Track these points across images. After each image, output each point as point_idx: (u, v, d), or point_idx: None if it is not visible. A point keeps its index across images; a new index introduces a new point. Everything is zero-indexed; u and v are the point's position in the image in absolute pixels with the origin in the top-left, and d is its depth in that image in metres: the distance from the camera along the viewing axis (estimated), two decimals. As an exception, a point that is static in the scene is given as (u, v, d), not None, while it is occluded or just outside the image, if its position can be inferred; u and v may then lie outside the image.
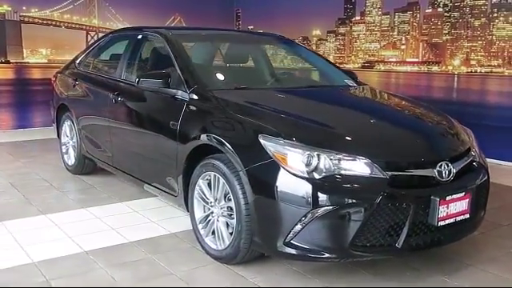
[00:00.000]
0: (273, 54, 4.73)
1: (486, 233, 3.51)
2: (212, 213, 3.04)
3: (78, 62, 5.09)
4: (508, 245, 3.38)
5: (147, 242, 3.27)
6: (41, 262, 2.93)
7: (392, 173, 2.58)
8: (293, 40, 5.02)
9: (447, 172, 2.72)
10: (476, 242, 3.34)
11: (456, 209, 2.71)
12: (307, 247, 2.56)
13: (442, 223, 2.65)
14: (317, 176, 2.53)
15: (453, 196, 2.68)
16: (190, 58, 3.65)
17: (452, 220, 2.70)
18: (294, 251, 2.59)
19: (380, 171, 2.56)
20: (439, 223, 2.64)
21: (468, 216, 2.80)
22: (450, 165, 2.74)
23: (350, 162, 2.57)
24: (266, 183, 2.61)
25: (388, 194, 2.52)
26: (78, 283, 2.71)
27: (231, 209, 2.86)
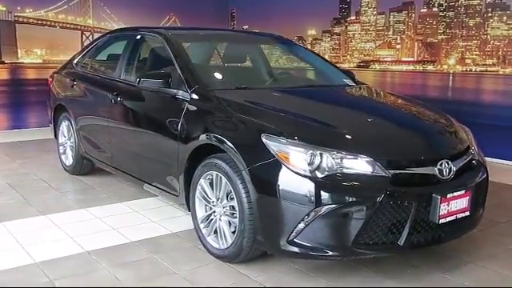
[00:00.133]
0: (272, 54, 4.75)
1: (484, 230, 3.54)
2: (214, 212, 3.05)
3: (75, 62, 5.07)
4: (507, 242, 3.42)
5: (149, 242, 3.28)
6: (43, 263, 2.93)
7: (394, 171, 2.61)
8: (291, 40, 5.04)
9: (448, 170, 2.75)
10: (475, 240, 3.37)
11: (456, 206, 2.74)
12: (310, 245, 2.58)
13: (442, 221, 2.68)
14: (319, 175, 2.55)
15: (453, 194, 2.71)
16: (190, 58, 3.65)
17: (453, 217, 2.73)
18: (297, 249, 2.60)
19: (382, 169, 2.58)
20: (440, 221, 2.66)
21: (468, 213, 2.83)
22: (450, 163, 2.77)
23: (352, 161, 2.59)
24: (269, 182, 2.63)
25: (390, 192, 2.55)
26: (82, 283, 2.72)
27: (233, 208, 2.88)
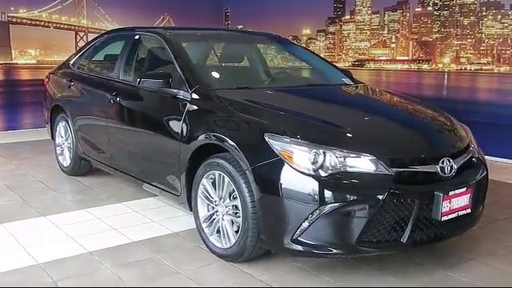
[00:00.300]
0: (270, 53, 4.75)
1: (483, 227, 3.57)
2: (216, 212, 3.05)
3: (72, 62, 5.04)
4: (506, 239, 3.45)
5: (150, 242, 3.27)
6: (46, 264, 2.92)
7: (397, 169, 2.62)
8: (290, 40, 5.05)
9: (449, 168, 2.77)
10: (475, 237, 3.40)
11: (458, 204, 2.76)
12: (314, 244, 2.59)
13: (445, 218, 2.70)
14: (323, 173, 2.56)
15: (455, 191, 2.73)
16: (189, 57, 3.65)
17: (454, 215, 2.76)
18: (301, 248, 2.61)
19: (385, 168, 2.60)
20: (442, 218, 2.69)
21: (469, 211, 2.85)
22: (451, 161, 2.80)
23: (355, 159, 2.60)
24: (273, 181, 2.63)
25: (394, 191, 2.56)
26: (86, 284, 2.71)
27: (236, 207, 2.88)
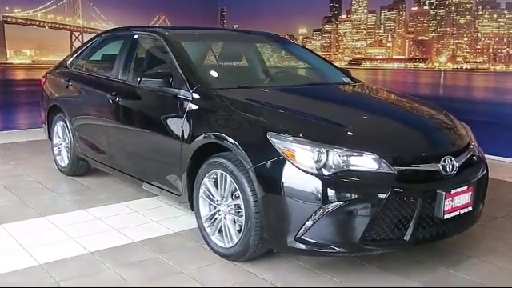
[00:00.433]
0: (269, 53, 4.76)
1: (483, 225, 3.59)
2: (218, 211, 3.05)
3: (69, 62, 5.02)
4: (505, 236, 3.47)
5: (152, 242, 3.26)
6: (47, 264, 2.90)
7: (399, 168, 2.64)
8: (289, 39, 5.06)
9: (451, 166, 2.78)
10: (474, 235, 3.41)
11: (460, 202, 2.78)
12: (318, 242, 2.59)
13: (447, 216, 2.71)
14: (326, 172, 2.57)
15: (457, 189, 2.75)
16: (190, 57, 3.64)
17: (456, 213, 2.77)
18: (305, 246, 2.62)
19: (388, 166, 2.61)
20: (445, 216, 2.70)
21: (471, 209, 2.87)
22: (453, 159, 2.81)
23: (358, 158, 2.61)
24: (276, 180, 2.63)
25: (396, 189, 2.57)
26: (89, 284, 2.70)
27: (239, 206, 2.88)
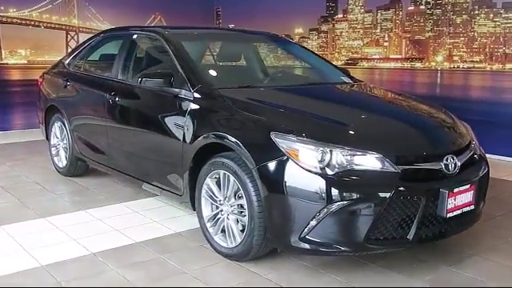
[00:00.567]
0: (269, 52, 4.76)
1: (482, 223, 3.57)
2: (221, 211, 3.05)
3: (67, 62, 4.99)
4: (505, 234, 3.50)
5: (154, 242, 3.26)
6: (49, 266, 2.89)
7: (403, 167, 2.65)
8: (289, 39, 5.06)
9: (453, 165, 2.80)
10: (475, 233, 3.42)
11: (462, 200, 2.80)
12: (322, 241, 2.60)
13: (450, 215, 2.73)
14: (330, 172, 2.57)
15: (459, 188, 2.77)
16: (190, 56, 3.63)
17: (459, 211, 2.79)
18: (309, 246, 2.62)
19: (391, 165, 2.62)
20: (448, 215, 2.72)
21: (473, 207, 2.89)
22: (455, 158, 2.83)
23: (362, 157, 2.61)
24: (280, 180, 2.63)
25: (400, 188, 2.58)
26: (93, 285, 2.69)
27: (242, 206, 2.88)
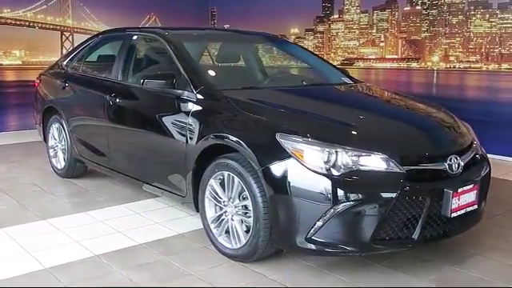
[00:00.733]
0: (269, 53, 4.76)
1: (482, 223, 3.58)
2: (225, 212, 3.05)
3: (65, 63, 4.97)
4: (505, 233, 3.53)
5: (157, 244, 3.25)
6: (53, 268, 2.87)
7: (408, 167, 2.66)
8: (290, 40, 5.07)
9: (457, 165, 2.82)
10: (476, 232, 3.44)
11: (466, 200, 2.82)
12: (328, 242, 2.61)
13: (454, 215, 2.75)
14: (336, 172, 2.58)
15: (463, 188, 2.79)
16: (192, 58, 3.63)
17: (463, 211, 2.81)
18: (315, 247, 2.63)
19: (397, 166, 2.63)
20: (452, 215, 2.74)
21: (476, 207, 2.92)
22: (458, 158, 2.85)
23: (367, 158, 2.62)
24: (285, 181, 2.64)
25: (406, 188, 2.60)
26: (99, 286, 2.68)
27: (246, 207, 2.88)
